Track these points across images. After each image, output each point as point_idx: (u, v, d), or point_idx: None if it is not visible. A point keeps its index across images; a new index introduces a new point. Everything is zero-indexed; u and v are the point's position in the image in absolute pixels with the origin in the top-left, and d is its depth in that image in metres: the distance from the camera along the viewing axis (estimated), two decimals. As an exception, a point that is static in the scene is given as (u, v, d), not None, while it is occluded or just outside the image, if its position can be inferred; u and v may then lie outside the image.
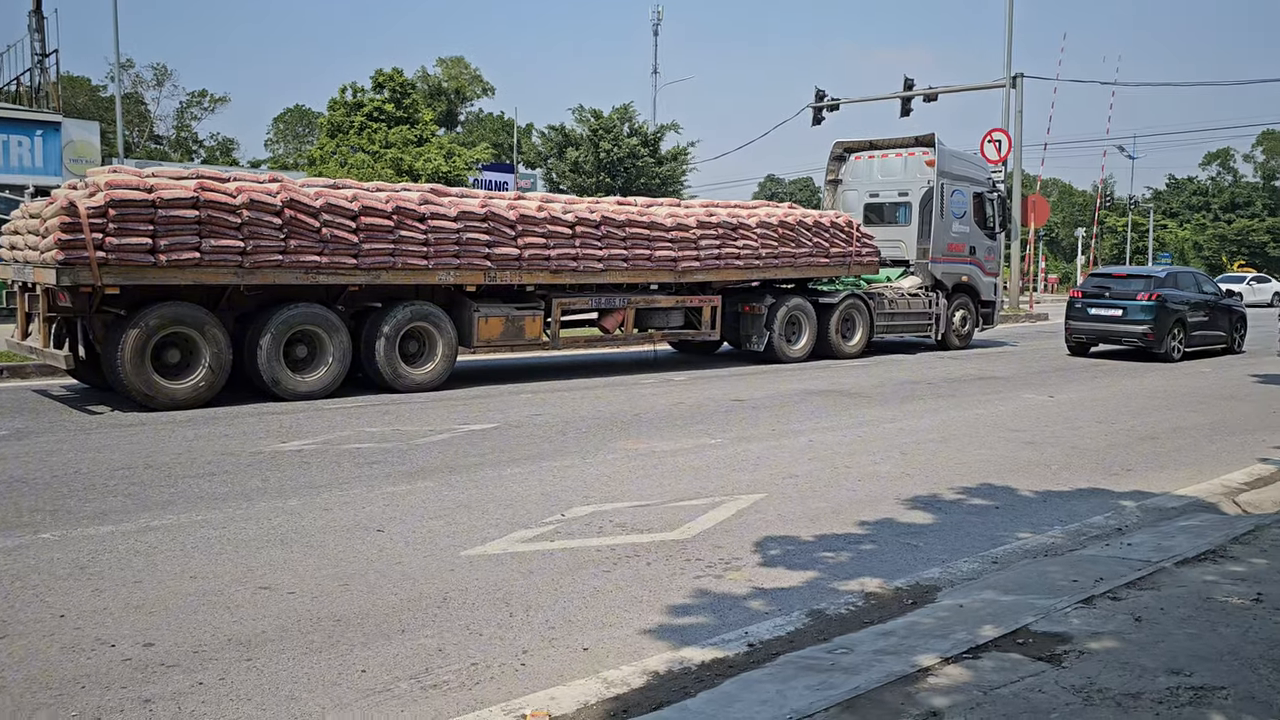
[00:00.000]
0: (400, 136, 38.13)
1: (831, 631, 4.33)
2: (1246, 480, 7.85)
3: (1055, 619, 4.32)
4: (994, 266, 19.75)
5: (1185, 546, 5.58)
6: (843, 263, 16.15)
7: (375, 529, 5.87)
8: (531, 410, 10.43)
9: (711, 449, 8.52)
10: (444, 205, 11.78)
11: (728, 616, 4.56)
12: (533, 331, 12.66)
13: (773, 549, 5.61)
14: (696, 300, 14.57)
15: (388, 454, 8.05)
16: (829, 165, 19.46)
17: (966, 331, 18.92)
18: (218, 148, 69.76)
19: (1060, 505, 6.89)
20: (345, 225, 10.92)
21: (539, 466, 7.66)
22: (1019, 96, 29.41)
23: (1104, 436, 9.57)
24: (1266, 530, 5.91)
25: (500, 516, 6.18)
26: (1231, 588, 4.77)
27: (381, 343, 11.32)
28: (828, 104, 32.03)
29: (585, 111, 44.18)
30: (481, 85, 65.45)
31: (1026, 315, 29.62)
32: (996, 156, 27.59)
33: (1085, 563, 5.33)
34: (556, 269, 12.62)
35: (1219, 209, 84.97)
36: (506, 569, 5.18)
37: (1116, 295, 17.39)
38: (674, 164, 44.80)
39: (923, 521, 6.34)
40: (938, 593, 4.86)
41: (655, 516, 6.24)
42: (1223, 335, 18.76)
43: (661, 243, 13.68)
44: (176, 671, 3.89)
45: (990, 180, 19.87)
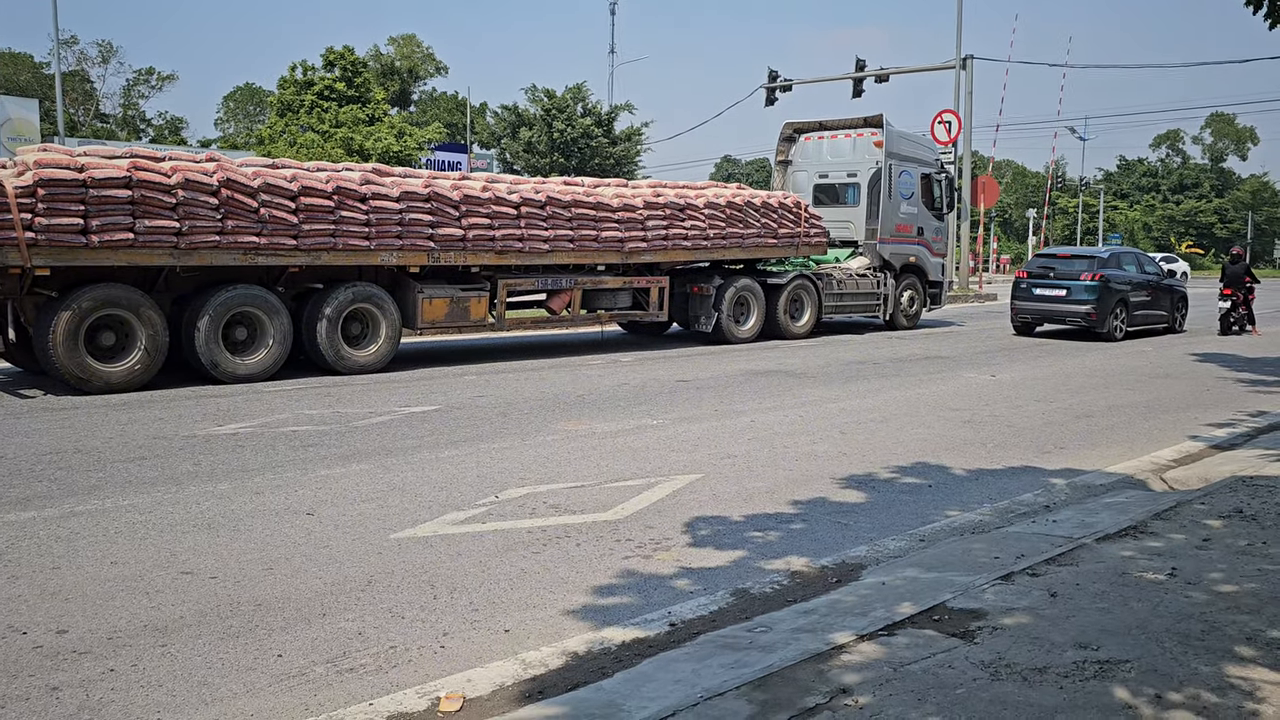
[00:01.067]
0: (351, 116, 37.62)
1: (754, 610, 4.36)
2: (1175, 457, 8.01)
3: (973, 595, 4.38)
4: (941, 247, 19.95)
5: (1108, 523, 5.68)
6: (791, 243, 16.21)
7: (305, 512, 5.81)
8: (474, 392, 10.38)
9: (652, 430, 8.54)
10: (386, 185, 11.65)
11: (652, 596, 4.58)
12: (478, 313, 12.59)
13: (703, 529, 5.64)
14: (644, 281, 14.56)
15: (325, 436, 7.97)
16: (778, 146, 19.50)
17: (914, 312, 19.10)
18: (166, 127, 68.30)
19: (992, 483, 6.99)
20: (284, 205, 10.76)
21: (477, 449, 7.63)
22: (969, 78, 29.65)
23: (1041, 415, 9.72)
24: (1188, 506, 6.04)
25: (433, 499, 6.15)
26: (1148, 563, 4.87)
27: (323, 324, 11.20)
28: (780, 85, 32.05)
29: (538, 91, 43.86)
30: (435, 64, 64.77)
31: (976, 295, 29.98)
32: (947, 137, 27.81)
33: (1010, 540, 5.41)
34: (502, 250, 12.54)
35: (1168, 190, 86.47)
36: (435, 551, 5.16)
37: (1061, 275, 17.65)
38: (628, 144, 44.66)
39: (855, 500, 6.40)
40: (862, 571, 4.92)
41: (589, 497, 6.24)
42: (1164, 315, 19.12)
43: (608, 223, 13.64)
44: (88, 658, 3.83)
45: (938, 161, 20.04)
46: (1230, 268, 19.44)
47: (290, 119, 38.57)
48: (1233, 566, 4.77)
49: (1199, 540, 5.23)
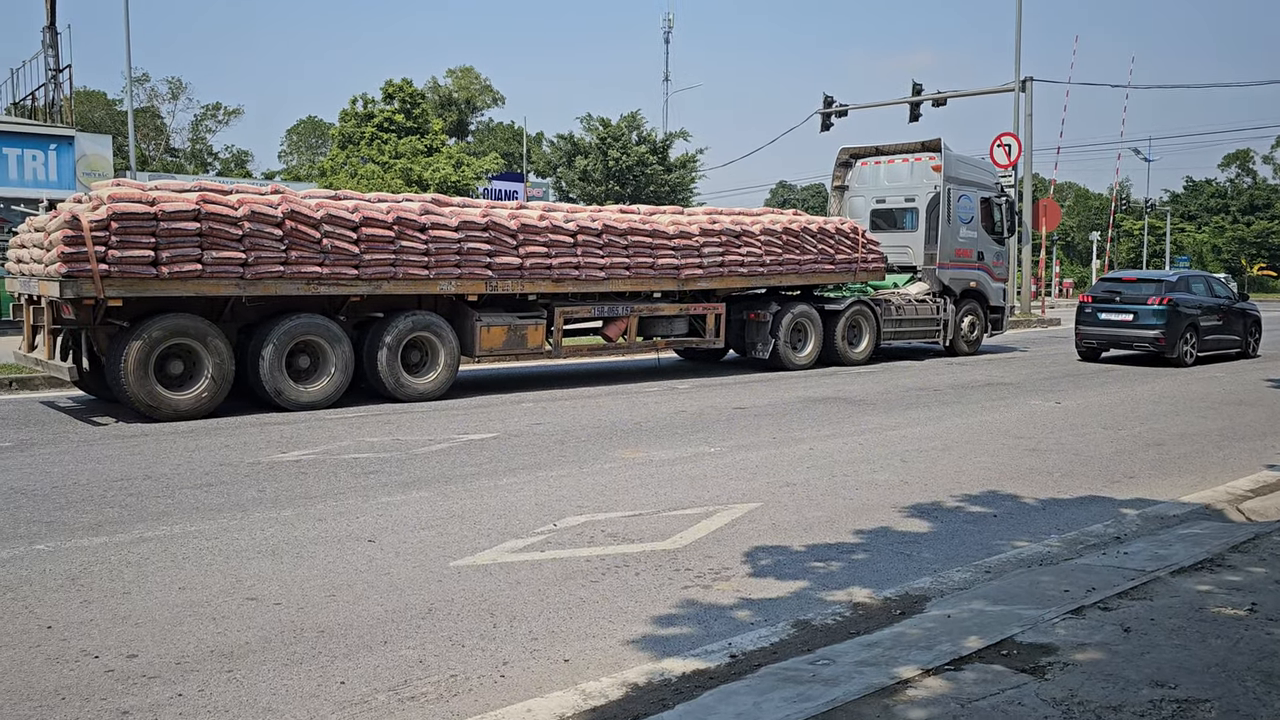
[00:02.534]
0: (410, 147, 38.27)
1: (816, 642, 4.29)
2: (1252, 487, 7.76)
3: (1042, 630, 4.27)
4: (1002, 272, 19.67)
5: (1182, 555, 5.51)
6: (848, 269, 16.10)
7: (367, 539, 5.86)
8: (532, 420, 10.42)
9: (710, 457, 8.49)
10: (445, 215, 11.81)
11: (713, 627, 4.53)
12: (535, 340, 12.67)
13: (763, 559, 5.57)
14: (700, 308, 14.54)
15: (385, 464, 8.05)
16: (835, 171, 19.42)
17: (975, 337, 18.83)
18: (232, 160, 70.28)
19: (1060, 513, 6.83)
20: (346, 236, 10.95)
21: (535, 476, 7.65)
22: (1028, 100, 29.30)
23: (1110, 443, 9.49)
24: (1267, 538, 5.84)
25: (492, 526, 6.17)
26: (1226, 597, 4.71)
27: (383, 353, 11.35)
28: (836, 110, 31.98)
29: (593, 120, 44.25)
30: (491, 95, 65.73)
31: (1038, 320, 29.47)
32: (1006, 161, 27.48)
33: (1079, 572, 5.27)
34: (559, 278, 12.62)
35: (1238, 211, 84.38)
36: (494, 579, 5.16)
37: (1127, 300, 17.27)
38: (683, 171, 44.81)
39: (918, 530, 6.29)
40: (927, 603, 4.82)
41: (648, 526, 6.21)
42: (1237, 339, 18.60)
43: (664, 251, 13.67)
44: (157, 683, 3.88)
45: (998, 185, 19.80)
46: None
47: (351, 151, 39.37)
48: (1317, 602, 4.59)
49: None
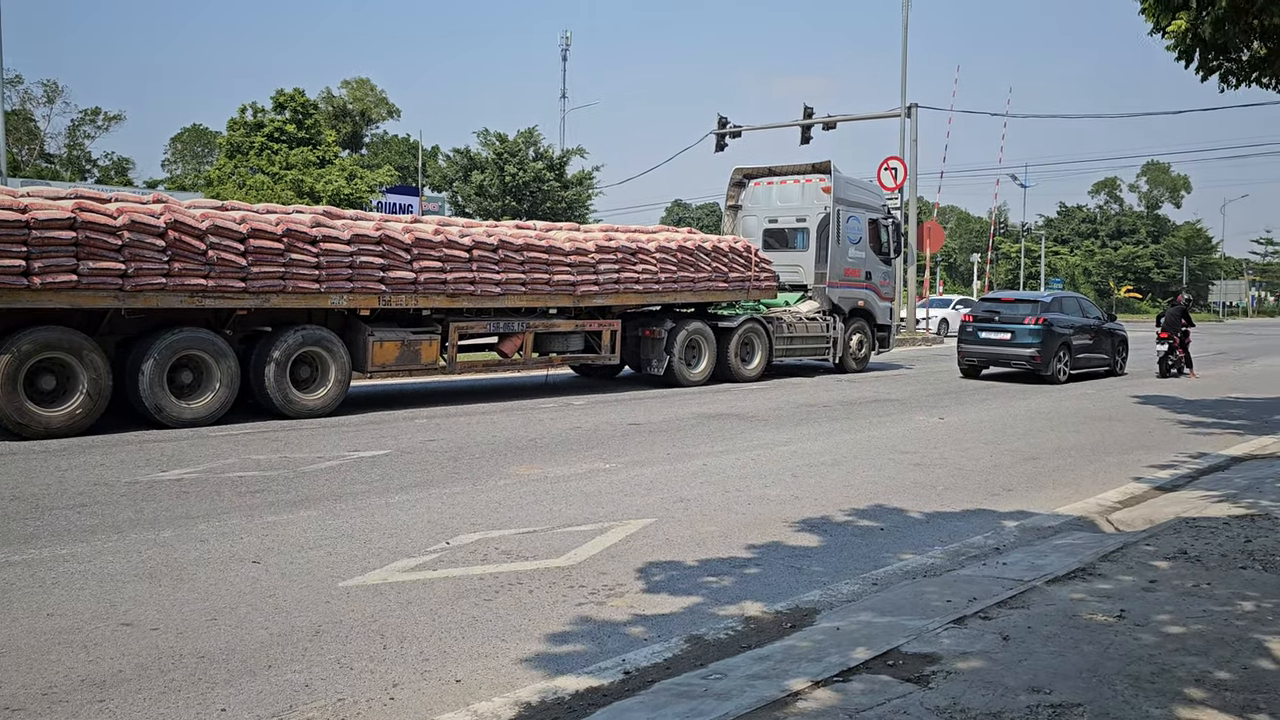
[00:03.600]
0: (301, 158, 37.43)
1: (709, 657, 4.33)
2: (1121, 499, 8.14)
3: (926, 640, 4.39)
4: (889, 291, 20.25)
5: (1057, 565, 5.75)
6: (742, 287, 16.35)
7: (251, 560, 5.68)
8: (425, 436, 10.27)
9: (605, 473, 8.50)
10: (337, 228, 11.58)
11: (606, 644, 4.53)
12: (429, 356, 12.50)
13: (657, 574, 5.60)
14: (596, 324, 14.57)
15: (272, 482, 7.82)
16: (729, 191, 19.73)
17: (863, 355, 19.32)
18: (112, 167, 67.40)
19: (943, 526, 7.04)
20: (233, 248, 10.64)
21: (428, 494, 7.53)
22: (914, 126, 30.33)
23: (989, 457, 9.84)
24: (1134, 547, 6.13)
25: (383, 545, 6.05)
26: (1097, 605, 4.92)
27: (271, 368, 11.03)
28: (730, 131, 32.52)
29: (490, 135, 43.99)
30: (387, 107, 64.67)
31: (923, 339, 30.41)
32: (893, 183, 28.37)
33: (961, 583, 5.44)
34: (453, 293, 12.49)
35: (1106, 236, 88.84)
36: (384, 599, 5.06)
37: (1005, 320, 17.98)
38: (580, 188, 44.86)
39: (808, 544, 6.41)
40: (817, 615, 4.91)
41: (542, 543, 6.18)
42: (1106, 358, 19.53)
43: (560, 267, 13.66)
44: (21, 715, 3.69)
45: (885, 207, 20.40)
46: (1169, 311, 19.95)
47: (239, 161, 38.29)
48: (1180, 608, 4.84)
49: (1146, 582, 5.31)
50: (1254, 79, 10.32)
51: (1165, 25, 9.61)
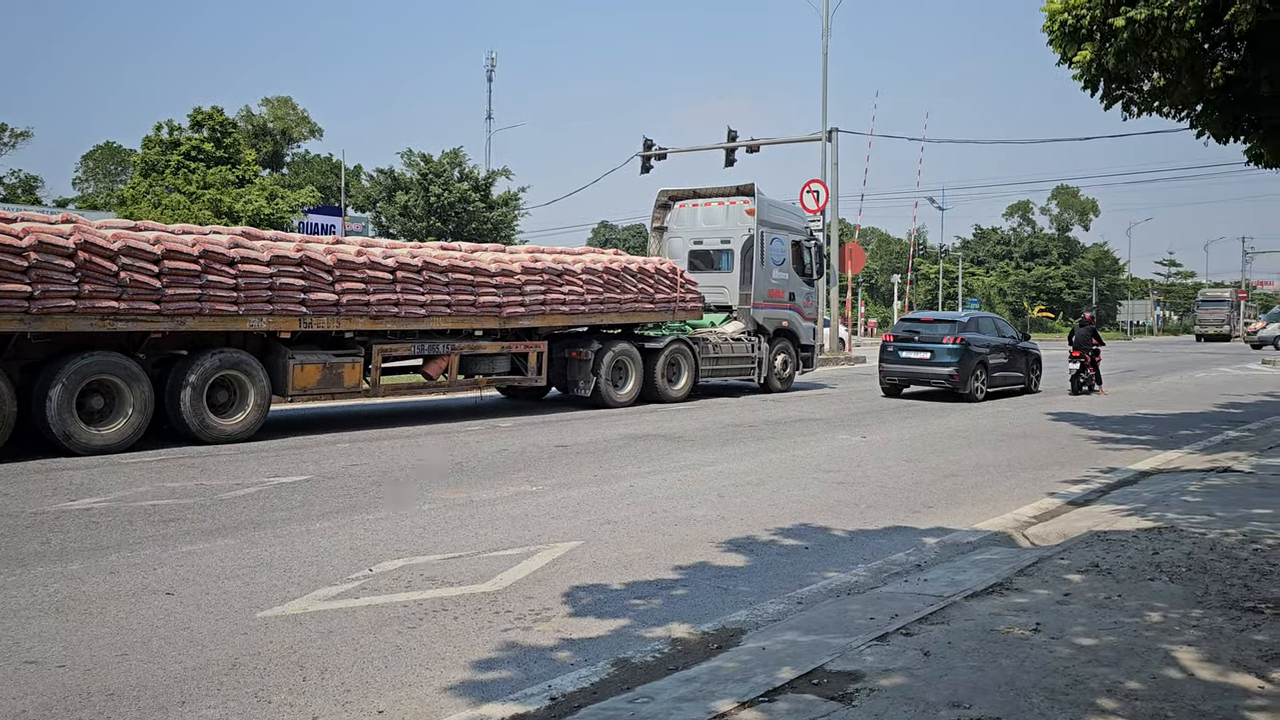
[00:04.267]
0: (220, 177, 36.63)
1: (636, 680, 4.32)
2: (1036, 514, 8.35)
3: (850, 657, 4.45)
4: (812, 312, 20.56)
5: (975, 580, 5.87)
6: (668, 308, 16.44)
7: (165, 592, 5.51)
8: (348, 461, 10.10)
9: (531, 496, 8.45)
10: (256, 249, 11.35)
11: (532, 669, 4.49)
12: (352, 379, 12.30)
13: (584, 598, 5.58)
14: (522, 346, 14.51)
15: (188, 510, 7.60)
16: (654, 213, 19.86)
17: (788, 374, 19.55)
18: (19, 186, 65.16)
19: (866, 543, 7.15)
20: (147, 269, 10.36)
21: (350, 520, 7.40)
22: (834, 149, 30.91)
23: (910, 475, 10.02)
24: (1049, 562, 6.29)
25: (303, 574, 5.92)
26: (1014, 619, 5.04)
27: (187, 392, 10.75)
28: (655, 153, 32.75)
29: (414, 155, 43.65)
30: (309, 126, 63.76)
31: (846, 358, 30.89)
32: (815, 206, 28.83)
33: (884, 600, 5.53)
34: (377, 315, 12.33)
35: (1020, 257, 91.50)
36: (305, 629, 4.95)
37: (924, 339, 18.37)
38: (505, 209, 44.72)
39: (735, 564, 6.45)
40: (743, 635, 4.93)
41: (467, 568, 6.11)
42: (1021, 376, 20.05)
43: (486, 289, 13.59)
44: (-84, 762, 3.52)
45: (808, 229, 20.73)
46: (1079, 331, 20.57)
47: (155, 179, 37.32)
48: (1092, 620, 4.98)
49: (1060, 595, 5.45)
50: (1155, 108, 10.76)
51: (1072, 56, 9.96)
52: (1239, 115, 11.22)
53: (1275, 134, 11.33)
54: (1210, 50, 10.25)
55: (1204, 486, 9.04)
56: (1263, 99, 10.64)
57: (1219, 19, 9.28)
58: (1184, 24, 9.07)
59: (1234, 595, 5.44)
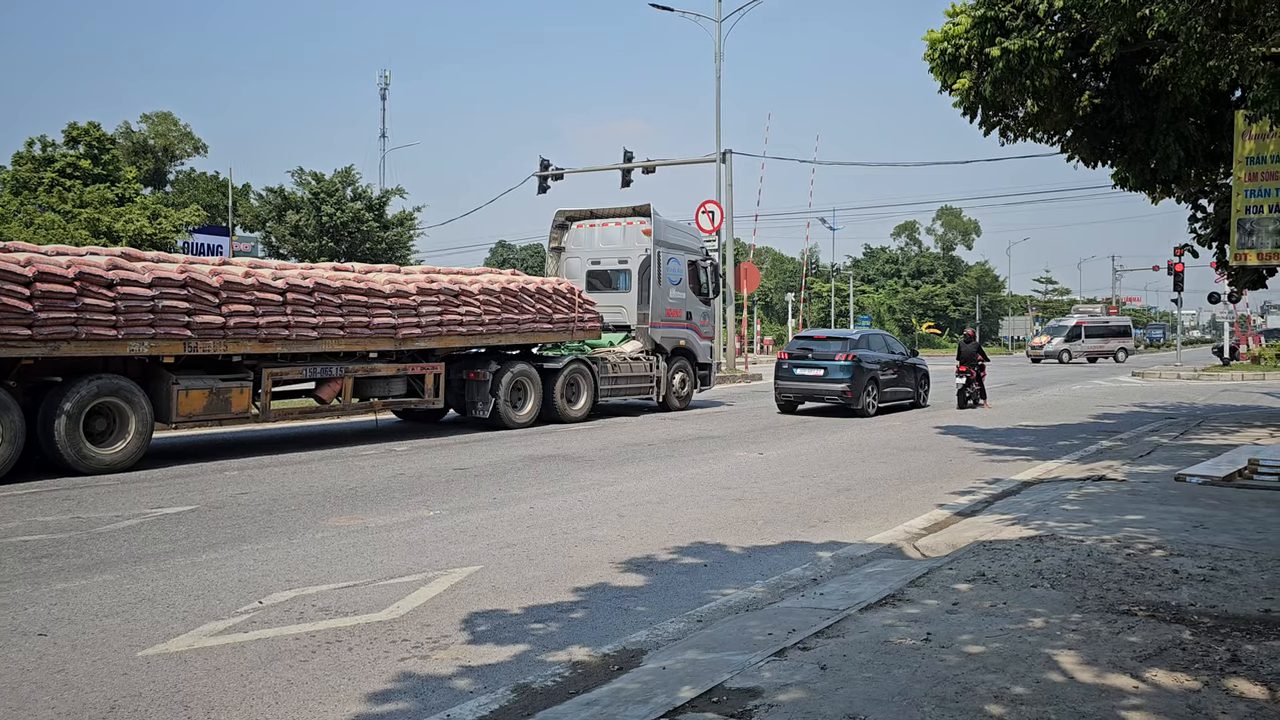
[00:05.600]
0: (98, 195, 35.20)
1: (536, 706, 4.28)
2: (926, 525, 8.59)
3: (749, 674, 4.49)
4: (709, 330, 20.80)
5: (869, 593, 6.00)
6: (566, 328, 16.43)
7: (36, 633, 5.23)
8: (236, 489, 9.78)
9: (429, 521, 8.32)
10: (136, 270, 10.94)
11: (430, 699, 4.41)
12: (240, 404, 11.93)
13: (482, 624, 5.51)
14: (419, 368, 14.31)
15: (62, 545, 7.25)
16: (552, 233, 19.86)
17: (686, 393, 19.72)
18: (-128, 202, 61.49)
19: (764, 559, 7.24)
20: (17, 293, 9.89)
21: (239, 550, 7.16)
22: (729, 171, 31.41)
23: (805, 490, 10.20)
24: (939, 572, 6.47)
25: (189, 609, 5.70)
26: (906, 629, 5.16)
27: (62, 421, 10.27)
28: (552, 173, 32.78)
29: (305, 174, 42.74)
30: (193, 143, 61.75)
31: (743, 376, 31.33)
32: (710, 226, 29.24)
33: (782, 615, 5.60)
34: (266, 338, 12.00)
35: (908, 275, 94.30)
36: (190, 668, 4.76)
37: (818, 356, 18.76)
38: (400, 229, 44.13)
39: (634, 584, 6.46)
40: (644, 656, 4.94)
41: (363, 597, 5.97)
42: (910, 391, 20.65)
43: (380, 310, 13.37)
44: None
45: (704, 249, 21.00)
46: (964, 347, 21.29)
47: (27, 198, 35.66)
48: (979, 628, 5.14)
49: (949, 605, 5.61)
50: (1029, 133, 11.25)
51: (952, 83, 10.37)
52: (1105, 141, 11.83)
53: (1138, 159, 11.98)
54: (1079, 79, 10.80)
55: (1081, 495, 9.43)
56: (1126, 125, 11.24)
57: (1086, 50, 9.77)
58: (1054, 53, 9.53)
59: (1110, 599, 5.68)
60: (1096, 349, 50.65)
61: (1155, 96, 11.01)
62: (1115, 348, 51.36)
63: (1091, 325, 51.86)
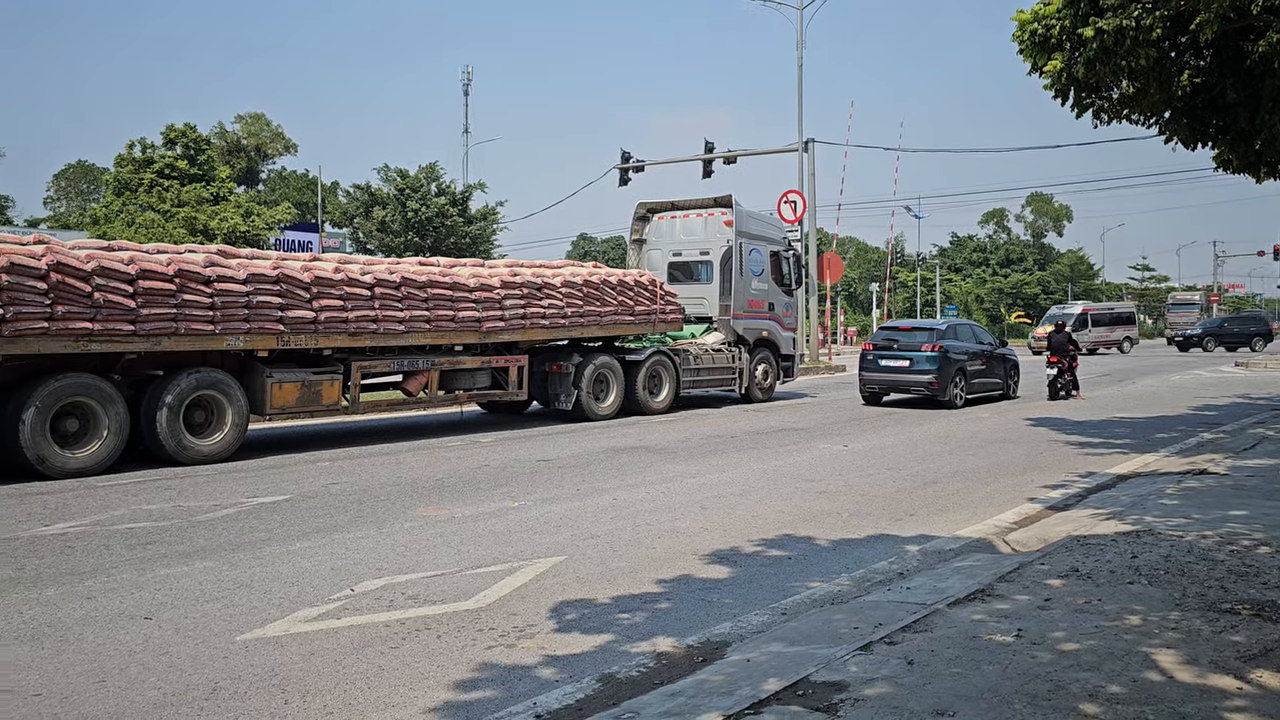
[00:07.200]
0: (194, 195, 36.43)
1: (621, 696, 4.31)
2: (1016, 520, 8.40)
3: (835, 668, 4.45)
4: (792, 321, 20.62)
5: (957, 587, 5.89)
6: (648, 320, 16.46)
7: (143, 616, 5.45)
8: (328, 479, 10.03)
9: (513, 512, 8.42)
10: (232, 267, 11.29)
11: (516, 688, 4.47)
12: (331, 397, 12.23)
13: (568, 613, 5.56)
14: (503, 360, 14.48)
15: (165, 533, 7.53)
16: (633, 225, 19.90)
17: (769, 384, 19.59)
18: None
19: (849, 552, 7.16)
20: (121, 290, 10.28)
21: (331, 539, 7.35)
22: (811, 160, 31.07)
23: (892, 483, 10.05)
24: (1029, 567, 6.32)
25: (284, 595, 5.87)
26: (996, 625, 5.06)
27: (164, 413, 10.66)
28: (633, 165, 32.84)
29: (391, 171, 43.57)
30: (284, 142, 63.52)
31: (826, 367, 31.00)
32: (793, 216, 28.97)
33: (868, 609, 5.54)
34: (355, 331, 12.28)
35: (996, 264, 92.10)
36: (286, 652, 4.91)
37: (904, 347, 18.46)
38: (483, 223, 44.70)
39: (718, 576, 6.45)
40: (728, 648, 4.93)
41: (450, 586, 6.08)
42: (999, 382, 20.18)
43: (465, 303, 13.56)
44: (-110, 796, 3.46)
45: (785, 239, 20.82)
46: (1055, 337, 20.72)
47: (128, 198, 37.08)
48: (1073, 624, 5.01)
49: (1041, 600, 5.48)
50: (1124, 115, 10.87)
51: (1042, 65, 10.07)
52: (1206, 122, 11.37)
53: (1241, 139, 11.49)
54: (1177, 59, 10.40)
55: (1181, 489, 9.11)
56: (1228, 105, 10.78)
57: (1185, 28, 9.41)
58: (1151, 33, 9.19)
59: (1211, 597, 5.48)
60: (1101, 339, 47.61)
61: (1260, 75, 10.55)
62: (1120, 337, 48.30)
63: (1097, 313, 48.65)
